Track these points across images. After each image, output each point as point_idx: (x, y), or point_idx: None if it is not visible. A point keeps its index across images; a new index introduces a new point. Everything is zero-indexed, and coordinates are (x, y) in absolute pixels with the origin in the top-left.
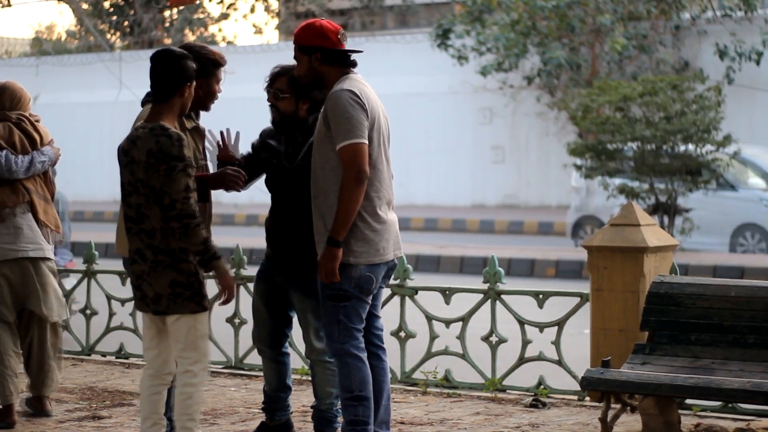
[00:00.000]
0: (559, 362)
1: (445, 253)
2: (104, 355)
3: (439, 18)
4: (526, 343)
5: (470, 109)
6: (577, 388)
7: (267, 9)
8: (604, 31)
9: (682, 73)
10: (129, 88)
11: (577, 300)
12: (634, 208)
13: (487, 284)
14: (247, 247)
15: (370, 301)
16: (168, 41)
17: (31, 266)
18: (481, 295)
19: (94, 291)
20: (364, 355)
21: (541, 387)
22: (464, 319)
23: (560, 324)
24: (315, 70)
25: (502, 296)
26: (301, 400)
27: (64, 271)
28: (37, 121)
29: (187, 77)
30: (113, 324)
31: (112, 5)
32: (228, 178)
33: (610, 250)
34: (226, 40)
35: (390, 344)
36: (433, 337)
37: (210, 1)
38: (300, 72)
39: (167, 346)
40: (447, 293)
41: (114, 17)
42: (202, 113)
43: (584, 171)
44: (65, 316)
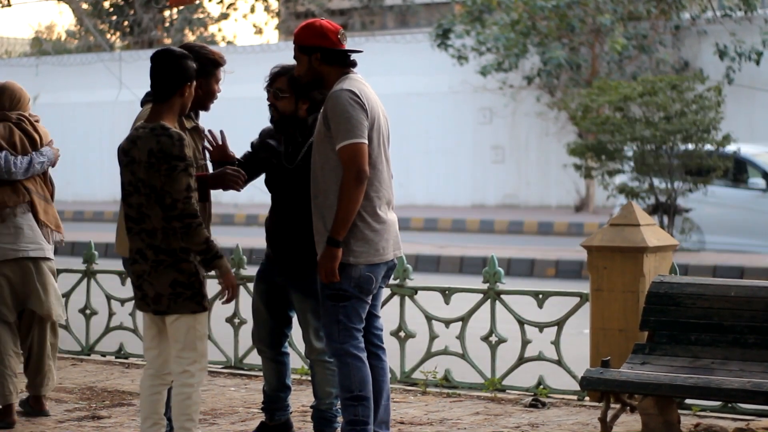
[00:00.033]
0: (559, 362)
1: (445, 253)
2: (104, 355)
3: (439, 18)
4: (525, 343)
5: (470, 109)
6: (577, 388)
7: (267, 9)
8: (604, 31)
9: (682, 73)
10: (129, 88)
11: (577, 300)
12: (634, 208)
13: (487, 284)
14: (247, 247)
15: (369, 301)
16: (168, 41)
17: (31, 266)
18: (480, 295)
19: (93, 291)
20: (363, 355)
21: (541, 387)
22: (464, 319)
23: (560, 324)
24: (315, 70)
25: (502, 296)
26: (300, 400)
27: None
28: (36, 122)
29: (187, 77)
30: (113, 324)
31: (112, 5)
32: (228, 177)
33: (610, 250)
34: (226, 40)
35: (390, 344)
36: (432, 337)
37: (210, 1)
38: (300, 72)
39: (168, 346)
40: (447, 293)
41: (114, 17)
42: (201, 113)
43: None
44: (65, 317)
